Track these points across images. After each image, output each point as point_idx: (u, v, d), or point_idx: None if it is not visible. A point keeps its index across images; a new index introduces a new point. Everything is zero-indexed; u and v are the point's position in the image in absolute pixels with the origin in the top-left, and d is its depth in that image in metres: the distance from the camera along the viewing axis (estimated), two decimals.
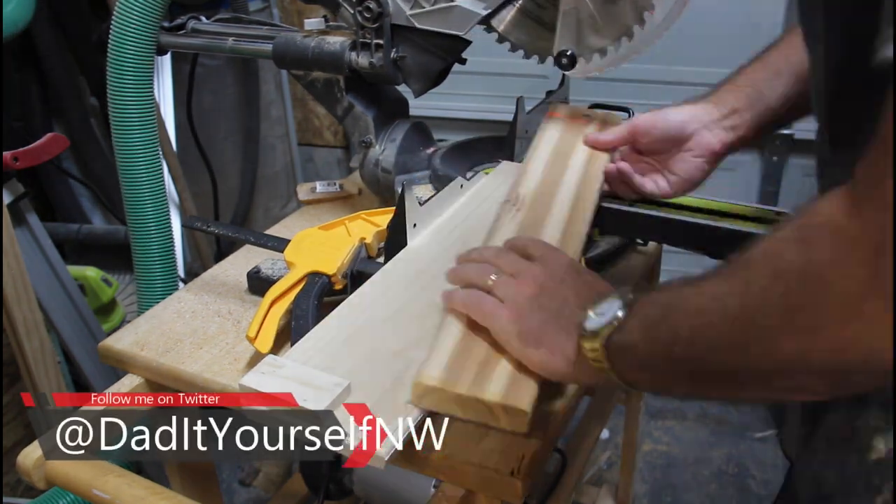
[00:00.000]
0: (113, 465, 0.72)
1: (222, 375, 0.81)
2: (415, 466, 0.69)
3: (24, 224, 1.59)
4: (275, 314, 0.79)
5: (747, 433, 2.13)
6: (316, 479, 1.22)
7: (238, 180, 2.43)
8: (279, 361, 0.61)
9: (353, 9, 0.99)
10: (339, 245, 0.86)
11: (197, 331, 0.90)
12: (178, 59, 2.00)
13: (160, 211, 1.17)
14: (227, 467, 2.02)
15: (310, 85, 1.10)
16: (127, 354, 0.87)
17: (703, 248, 0.94)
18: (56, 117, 2.12)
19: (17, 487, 1.72)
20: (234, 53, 1.16)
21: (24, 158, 1.48)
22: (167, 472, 0.97)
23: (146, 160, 1.15)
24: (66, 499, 1.38)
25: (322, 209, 1.22)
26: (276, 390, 0.57)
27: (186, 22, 1.19)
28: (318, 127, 2.71)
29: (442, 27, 0.97)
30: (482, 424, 0.61)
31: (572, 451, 1.34)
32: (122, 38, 1.10)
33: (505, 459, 0.67)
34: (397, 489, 1.12)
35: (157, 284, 1.18)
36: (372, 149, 1.10)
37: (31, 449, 0.74)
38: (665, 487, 1.97)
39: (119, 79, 1.12)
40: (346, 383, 0.59)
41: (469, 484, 0.68)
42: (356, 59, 1.02)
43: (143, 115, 1.14)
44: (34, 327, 1.52)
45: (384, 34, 0.99)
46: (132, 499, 0.69)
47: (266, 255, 0.99)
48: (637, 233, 0.99)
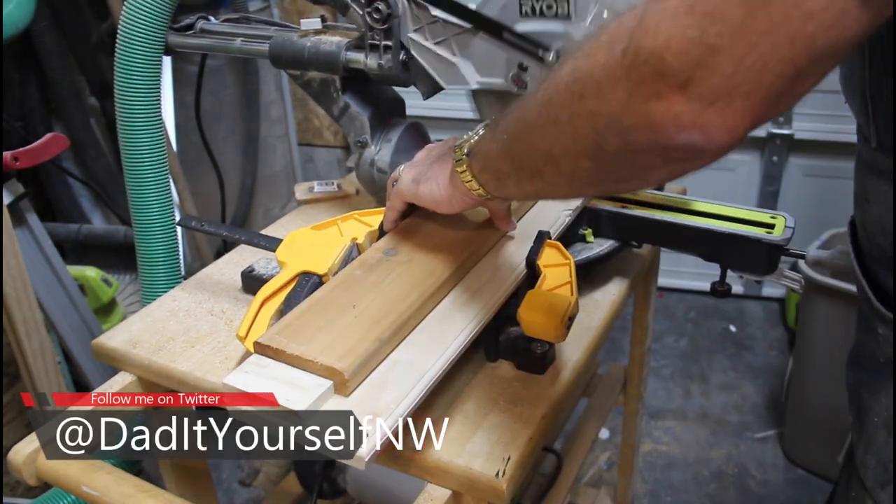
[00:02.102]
0: (103, 463, 0.73)
1: (213, 374, 0.81)
2: (400, 466, 0.69)
3: (24, 224, 1.60)
4: (265, 313, 0.79)
5: (747, 433, 2.13)
6: (310, 479, 1.22)
7: (238, 180, 2.44)
8: (264, 361, 0.61)
9: (361, 10, 0.99)
10: (331, 245, 0.86)
11: (190, 329, 0.90)
12: (178, 59, 2.00)
13: (165, 211, 1.18)
14: (227, 467, 2.02)
15: (306, 85, 1.10)
16: (119, 352, 0.87)
17: (697, 251, 0.94)
18: (56, 117, 2.13)
19: (17, 487, 1.72)
20: (242, 54, 1.16)
21: (24, 158, 1.49)
22: (161, 472, 0.98)
23: (152, 160, 1.15)
24: (67, 499, 1.39)
25: (319, 209, 1.22)
26: (260, 390, 0.57)
27: (195, 22, 1.19)
28: (318, 127, 2.72)
29: (430, 68, 0.98)
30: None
31: (568, 452, 1.34)
32: (130, 39, 1.10)
33: (490, 461, 0.67)
34: (390, 489, 1.12)
35: (161, 284, 1.19)
36: (368, 149, 1.10)
37: (21, 446, 0.75)
38: (665, 487, 1.97)
39: (127, 79, 1.12)
40: (328, 383, 0.59)
41: (454, 485, 0.68)
42: (364, 61, 1.02)
43: (150, 115, 1.14)
44: (34, 327, 1.53)
45: (393, 36, 0.99)
46: (120, 496, 0.69)
47: (262, 254, 0.99)
48: (631, 235, 0.99)
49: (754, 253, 0.89)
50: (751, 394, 2.28)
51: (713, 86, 0.41)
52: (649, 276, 1.32)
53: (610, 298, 0.95)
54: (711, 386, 2.32)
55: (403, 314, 0.70)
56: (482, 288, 0.78)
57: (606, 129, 0.47)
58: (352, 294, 0.73)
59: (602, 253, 0.97)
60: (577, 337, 0.85)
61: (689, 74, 0.41)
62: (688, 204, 0.97)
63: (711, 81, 0.41)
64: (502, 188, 0.68)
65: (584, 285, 0.96)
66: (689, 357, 2.46)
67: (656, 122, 0.43)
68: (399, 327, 0.69)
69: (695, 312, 2.68)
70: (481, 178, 0.68)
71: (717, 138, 0.43)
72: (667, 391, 2.31)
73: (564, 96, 0.50)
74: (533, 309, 0.74)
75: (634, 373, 1.47)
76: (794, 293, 2.40)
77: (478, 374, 0.80)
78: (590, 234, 0.99)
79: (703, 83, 0.41)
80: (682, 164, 0.47)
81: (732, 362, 2.43)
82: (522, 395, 0.76)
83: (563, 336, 0.74)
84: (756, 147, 2.44)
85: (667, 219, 0.93)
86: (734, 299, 2.71)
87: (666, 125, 0.43)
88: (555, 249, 0.84)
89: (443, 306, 0.76)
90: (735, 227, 0.91)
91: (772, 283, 0.93)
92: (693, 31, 0.40)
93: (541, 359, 0.78)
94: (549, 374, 0.79)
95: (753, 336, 2.55)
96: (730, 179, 2.50)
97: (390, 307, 0.71)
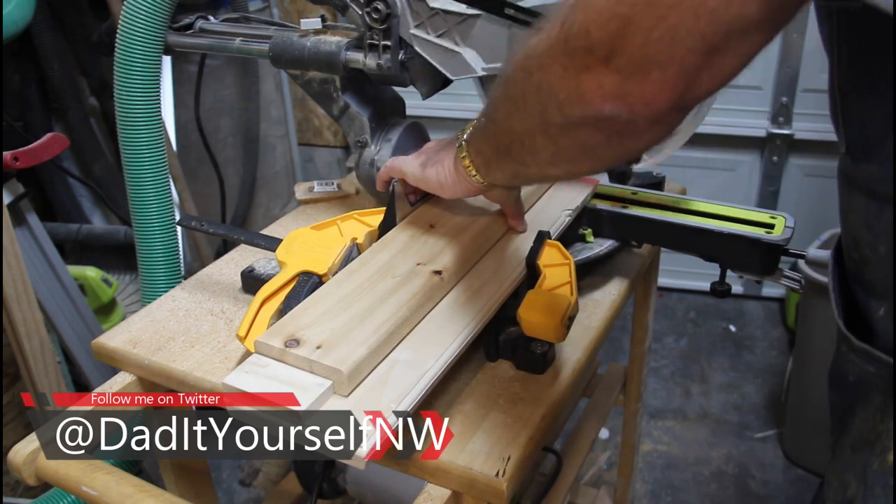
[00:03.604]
0: (103, 463, 0.73)
1: (213, 374, 0.81)
2: (400, 467, 0.69)
3: (24, 224, 1.60)
4: (265, 313, 0.79)
5: (747, 433, 2.13)
6: (310, 479, 1.22)
7: (238, 180, 2.43)
8: (264, 360, 0.61)
9: (361, 10, 0.99)
10: (331, 245, 0.86)
11: (189, 329, 0.90)
12: (178, 59, 2.00)
13: (165, 211, 1.18)
14: (227, 467, 2.02)
15: (306, 85, 1.10)
16: (119, 352, 0.87)
17: (697, 251, 0.94)
18: (56, 117, 2.13)
19: (17, 488, 1.72)
20: (241, 54, 1.16)
21: (24, 158, 1.49)
22: (161, 472, 0.98)
23: (152, 160, 1.15)
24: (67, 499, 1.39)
25: (319, 209, 1.22)
26: (260, 390, 0.57)
27: (195, 21, 1.19)
28: (318, 127, 2.72)
29: (436, 61, 0.97)
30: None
31: (568, 452, 1.34)
32: (129, 38, 1.10)
33: (490, 461, 0.67)
34: (390, 489, 1.12)
35: (161, 284, 1.19)
36: (368, 149, 1.10)
37: (21, 446, 0.75)
38: (665, 487, 1.97)
39: (126, 79, 1.12)
40: (328, 383, 0.59)
41: (454, 485, 0.68)
42: (363, 61, 1.02)
43: (150, 115, 1.14)
44: (34, 327, 1.53)
45: (392, 36, 0.99)
46: (120, 496, 0.69)
47: (262, 254, 0.99)
48: (631, 235, 0.99)
49: (754, 253, 0.89)
50: (751, 394, 2.28)
51: (629, 57, 0.43)
52: (649, 276, 1.32)
53: (610, 298, 0.95)
54: (711, 386, 2.32)
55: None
56: (482, 288, 0.78)
57: (548, 103, 0.49)
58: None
59: (602, 253, 0.97)
60: (577, 337, 0.85)
61: (610, 46, 0.43)
62: (688, 204, 0.97)
63: (627, 52, 0.43)
64: (491, 172, 0.70)
65: (584, 285, 0.96)
66: (688, 357, 2.46)
67: (585, 94, 0.46)
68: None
69: (695, 312, 2.68)
70: (476, 163, 0.71)
71: (638, 110, 0.45)
72: (667, 391, 2.31)
73: (518, 74, 0.52)
74: (533, 309, 0.74)
75: (634, 373, 1.47)
76: (794, 293, 2.40)
77: (478, 374, 0.80)
78: (590, 234, 0.99)
79: (622, 54, 0.43)
80: (621, 141, 0.49)
81: (732, 362, 2.43)
82: (522, 395, 0.76)
83: (562, 336, 0.74)
84: (756, 147, 2.44)
85: (667, 219, 0.93)
86: (734, 299, 2.71)
87: (592, 96, 0.45)
88: (555, 249, 0.84)
89: (443, 306, 0.76)
90: (735, 227, 0.91)
91: (772, 283, 0.93)
92: (612, 3, 0.42)
93: (541, 359, 0.78)
94: (548, 374, 0.79)
95: (753, 336, 2.55)
96: (730, 179, 2.51)
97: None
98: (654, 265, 1.32)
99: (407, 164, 0.84)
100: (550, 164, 0.58)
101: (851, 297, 0.67)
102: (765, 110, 2.37)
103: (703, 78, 0.43)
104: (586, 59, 0.44)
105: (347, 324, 0.68)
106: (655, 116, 0.45)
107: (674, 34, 0.41)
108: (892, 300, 0.61)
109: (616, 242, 0.98)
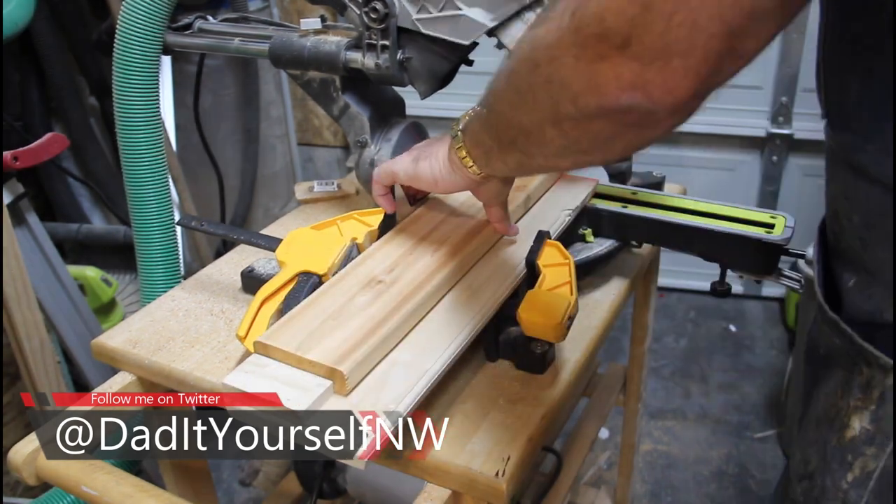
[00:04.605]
0: (103, 463, 0.73)
1: (213, 374, 0.81)
2: (400, 466, 0.69)
3: (24, 224, 1.60)
4: (265, 313, 0.79)
5: (747, 433, 2.13)
6: (310, 479, 1.22)
7: (238, 180, 2.43)
8: (264, 361, 0.61)
9: (359, 9, 0.99)
10: (331, 245, 0.86)
11: (189, 329, 0.90)
12: (178, 59, 2.00)
13: (164, 211, 1.18)
14: (227, 467, 2.02)
15: (306, 84, 1.10)
16: (119, 352, 0.87)
17: (697, 251, 0.94)
18: (56, 117, 2.13)
19: (17, 487, 1.73)
20: (240, 54, 1.16)
21: (24, 158, 1.49)
22: (161, 472, 0.98)
23: (151, 160, 1.15)
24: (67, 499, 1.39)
25: (319, 209, 1.22)
26: (260, 390, 0.57)
27: (193, 21, 1.19)
28: (317, 127, 2.72)
29: (447, 34, 0.96)
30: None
31: (568, 451, 1.34)
32: (128, 38, 1.10)
33: (490, 461, 0.67)
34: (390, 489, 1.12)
35: (160, 283, 1.19)
36: (368, 148, 1.10)
37: (21, 446, 0.75)
38: (665, 487, 1.97)
39: (125, 79, 1.11)
40: (328, 383, 0.59)
41: (454, 485, 0.68)
42: (361, 60, 1.02)
43: (149, 115, 1.14)
44: (34, 327, 1.53)
45: (390, 35, 0.98)
46: (120, 496, 0.69)
47: (262, 254, 0.99)
48: (631, 235, 0.99)
49: (754, 253, 0.89)
50: (751, 394, 2.28)
51: (649, 44, 0.41)
52: (649, 276, 1.32)
53: (610, 298, 0.95)
54: (711, 386, 2.32)
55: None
56: (482, 287, 0.78)
57: (560, 96, 0.48)
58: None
59: (602, 253, 0.97)
60: (576, 337, 0.85)
61: (627, 33, 0.42)
62: (688, 204, 0.97)
63: (646, 40, 0.41)
64: (491, 163, 0.68)
65: (584, 285, 0.96)
66: (688, 357, 2.46)
67: (601, 84, 0.44)
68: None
69: (695, 312, 2.68)
70: (473, 154, 0.69)
71: (659, 99, 0.43)
72: (666, 391, 2.31)
73: (524, 65, 0.51)
74: (533, 309, 0.74)
75: (634, 373, 1.47)
76: (793, 293, 2.40)
77: (478, 373, 0.80)
78: (590, 233, 0.99)
79: (640, 42, 0.41)
80: (637, 132, 0.48)
81: (732, 362, 2.43)
82: (522, 394, 0.76)
83: (562, 336, 0.74)
84: (756, 147, 2.44)
85: (667, 219, 0.93)
86: (734, 299, 2.71)
87: (609, 86, 0.44)
88: (554, 249, 0.84)
89: (442, 306, 0.76)
90: (735, 226, 0.91)
91: (772, 282, 0.93)
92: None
93: (540, 358, 0.78)
94: (548, 374, 0.79)
95: (753, 336, 2.55)
96: (730, 179, 2.51)
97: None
98: (654, 265, 1.32)
99: (397, 164, 0.82)
100: (558, 156, 0.56)
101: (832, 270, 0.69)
102: (765, 110, 2.37)
103: (725, 63, 0.42)
104: (600, 48, 0.43)
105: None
106: (676, 105, 0.44)
107: (696, 19, 0.40)
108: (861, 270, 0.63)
109: (616, 242, 0.98)
